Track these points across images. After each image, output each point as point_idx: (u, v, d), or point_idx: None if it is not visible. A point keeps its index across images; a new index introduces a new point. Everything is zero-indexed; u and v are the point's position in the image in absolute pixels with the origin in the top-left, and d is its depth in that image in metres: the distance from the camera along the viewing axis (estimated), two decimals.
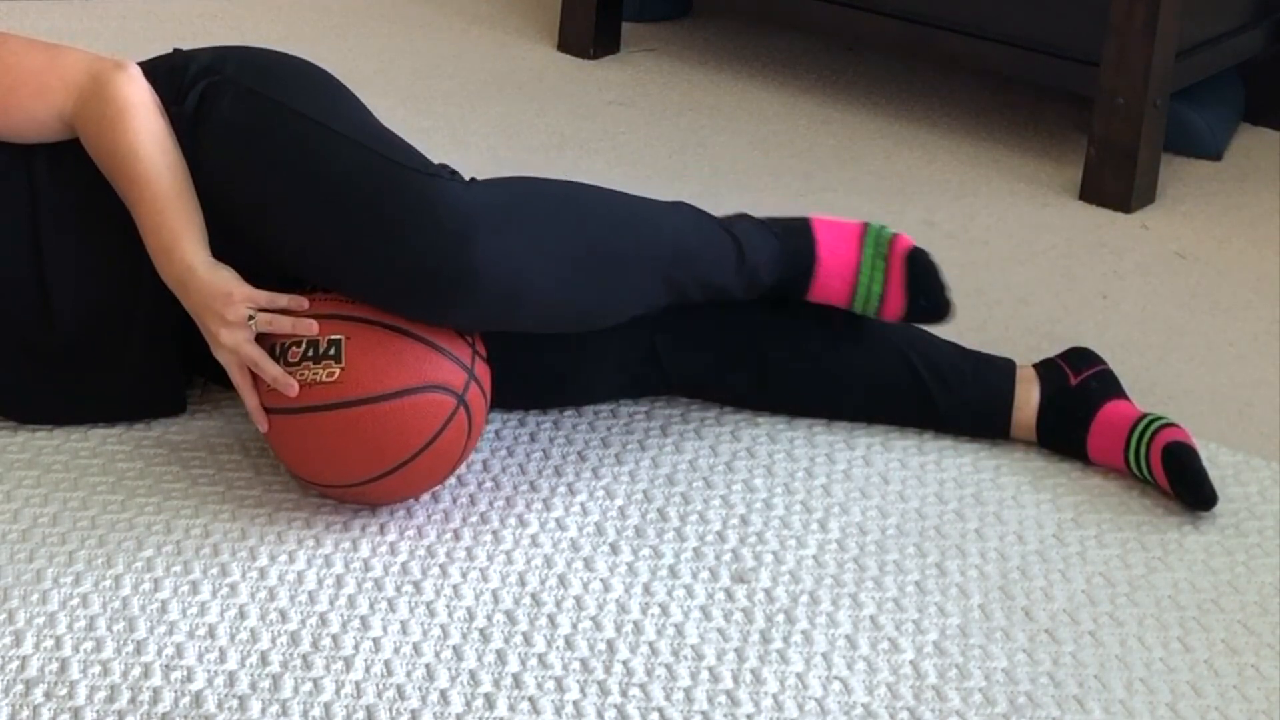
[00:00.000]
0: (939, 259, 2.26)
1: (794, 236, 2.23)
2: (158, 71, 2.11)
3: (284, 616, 1.87)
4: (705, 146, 3.19)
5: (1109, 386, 2.26)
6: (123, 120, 2.04)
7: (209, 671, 1.78)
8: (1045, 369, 2.27)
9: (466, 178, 2.06)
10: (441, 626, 1.87)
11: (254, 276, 2.01)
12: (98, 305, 2.11)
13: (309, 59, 2.19)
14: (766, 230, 2.23)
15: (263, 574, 1.94)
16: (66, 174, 2.10)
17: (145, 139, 2.03)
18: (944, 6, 3.14)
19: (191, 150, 2.06)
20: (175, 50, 2.18)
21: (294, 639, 1.84)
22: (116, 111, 2.04)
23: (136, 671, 1.78)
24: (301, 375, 1.97)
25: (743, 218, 2.25)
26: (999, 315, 2.62)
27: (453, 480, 2.12)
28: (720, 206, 2.95)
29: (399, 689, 1.78)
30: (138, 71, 2.09)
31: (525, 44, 3.63)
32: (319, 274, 2.01)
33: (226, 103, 2.05)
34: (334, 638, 1.84)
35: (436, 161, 2.07)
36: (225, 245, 2.03)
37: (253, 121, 2.04)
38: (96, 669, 1.78)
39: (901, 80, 3.52)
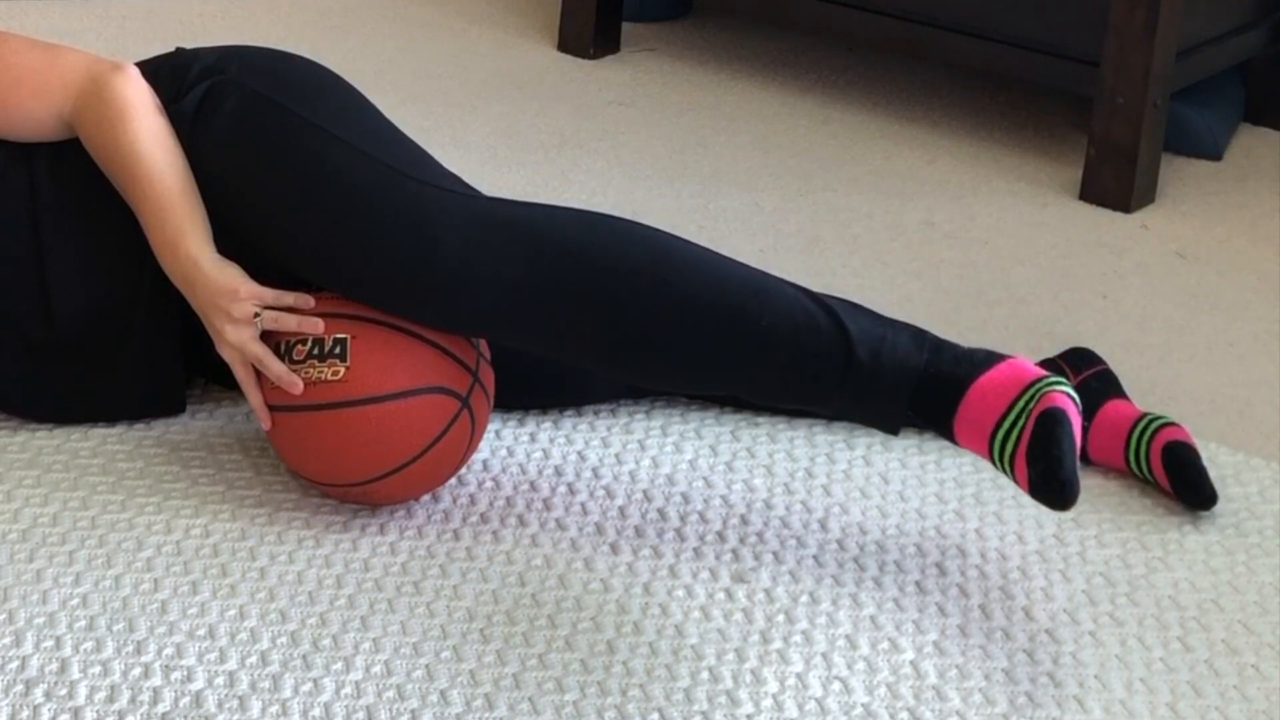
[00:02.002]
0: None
1: (961, 364, 1.91)
2: (160, 70, 2.12)
3: (284, 616, 1.87)
4: (705, 146, 3.19)
5: (1109, 386, 2.26)
6: (122, 121, 2.04)
7: (209, 671, 1.78)
8: (1045, 369, 2.27)
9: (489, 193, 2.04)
10: (441, 626, 1.87)
11: (257, 273, 2.02)
12: (98, 304, 2.11)
13: (310, 59, 2.19)
14: (922, 347, 1.93)
15: (262, 574, 1.94)
16: (67, 172, 2.11)
17: (146, 138, 2.03)
18: (944, 6, 3.14)
19: (191, 149, 2.06)
20: (178, 49, 2.18)
21: (294, 639, 1.84)
22: (116, 112, 2.04)
23: (136, 671, 1.78)
24: (306, 373, 1.97)
25: (913, 332, 1.94)
26: (999, 315, 2.62)
27: (453, 480, 2.12)
28: (721, 206, 2.95)
29: (399, 689, 1.78)
30: (136, 72, 2.09)
31: (525, 44, 3.63)
32: (314, 275, 2.01)
33: (229, 104, 2.05)
34: (334, 638, 1.84)
35: (432, 162, 2.07)
36: (228, 243, 2.04)
37: (253, 123, 2.04)
38: (96, 669, 1.78)
39: (901, 80, 3.52)
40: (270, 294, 1.99)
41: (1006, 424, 1.86)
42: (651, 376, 2.03)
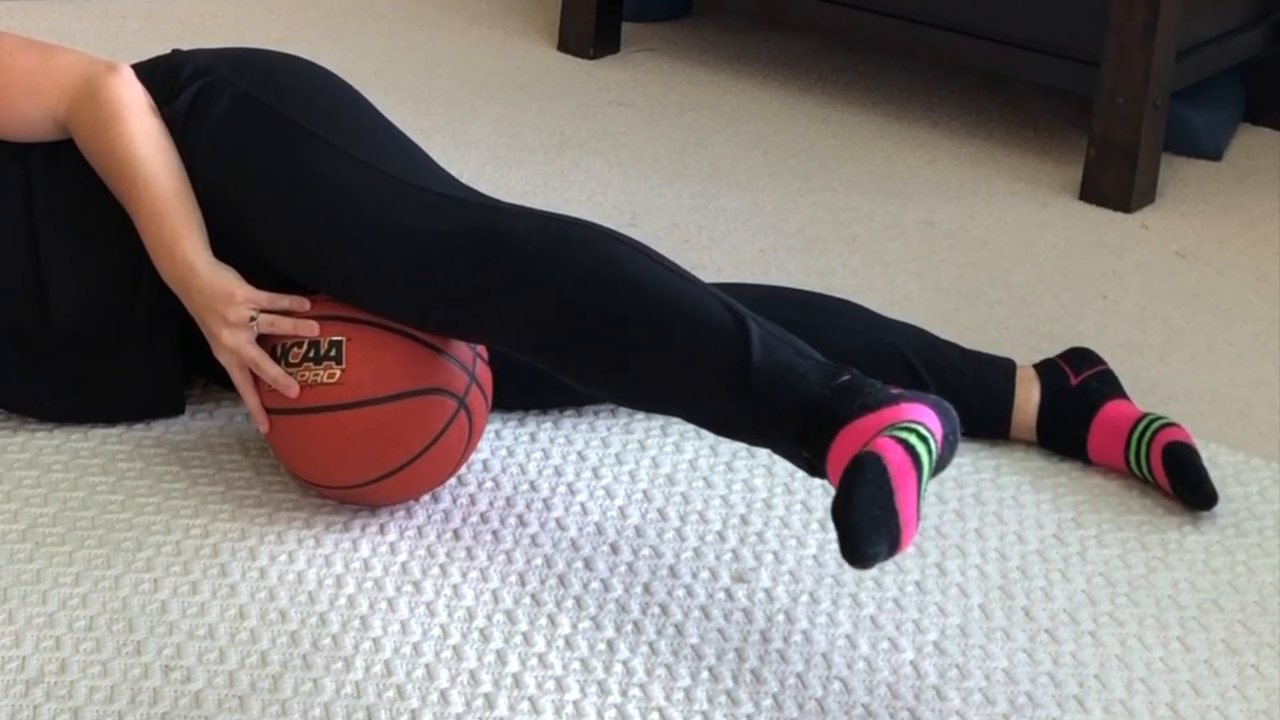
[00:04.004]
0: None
1: (854, 404, 1.77)
2: (154, 71, 2.12)
3: (284, 616, 1.87)
4: (705, 146, 3.19)
5: (1109, 386, 2.26)
6: (117, 123, 2.04)
7: (209, 671, 1.78)
8: (1045, 369, 2.28)
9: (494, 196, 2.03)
10: (441, 626, 1.87)
11: (253, 276, 2.02)
12: (94, 303, 2.11)
13: (309, 59, 2.19)
14: (828, 382, 1.81)
15: (263, 574, 1.93)
16: (63, 171, 2.11)
17: (140, 141, 2.03)
18: (944, 6, 3.14)
19: (183, 150, 2.05)
20: (174, 51, 2.18)
21: (294, 639, 1.84)
22: (110, 114, 2.04)
23: (136, 671, 1.78)
24: (302, 376, 1.97)
25: (830, 369, 1.83)
26: (999, 315, 2.62)
27: (453, 480, 2.12)
28: (720, 206, 2.95)
29: (399, 689, 1.78)
30: (130, 74, 2.09)
31: (525, 44, 3.63)
32: (301, 275, 2.01)
33: (220, 104, 2.05)
34: (334, 638, 1.84)
35: (425, 163, 2.06)
36: (222, 245, 2.04)
37: (243, 124, 2.04)
38: (96, 669, 1.78)
39: (901, 80, 3.52)
40: (265, 297, 1.98)
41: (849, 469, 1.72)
42: (593, 387, 1.98)
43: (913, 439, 1.72)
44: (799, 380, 1.82)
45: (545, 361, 1.96)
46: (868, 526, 1.66)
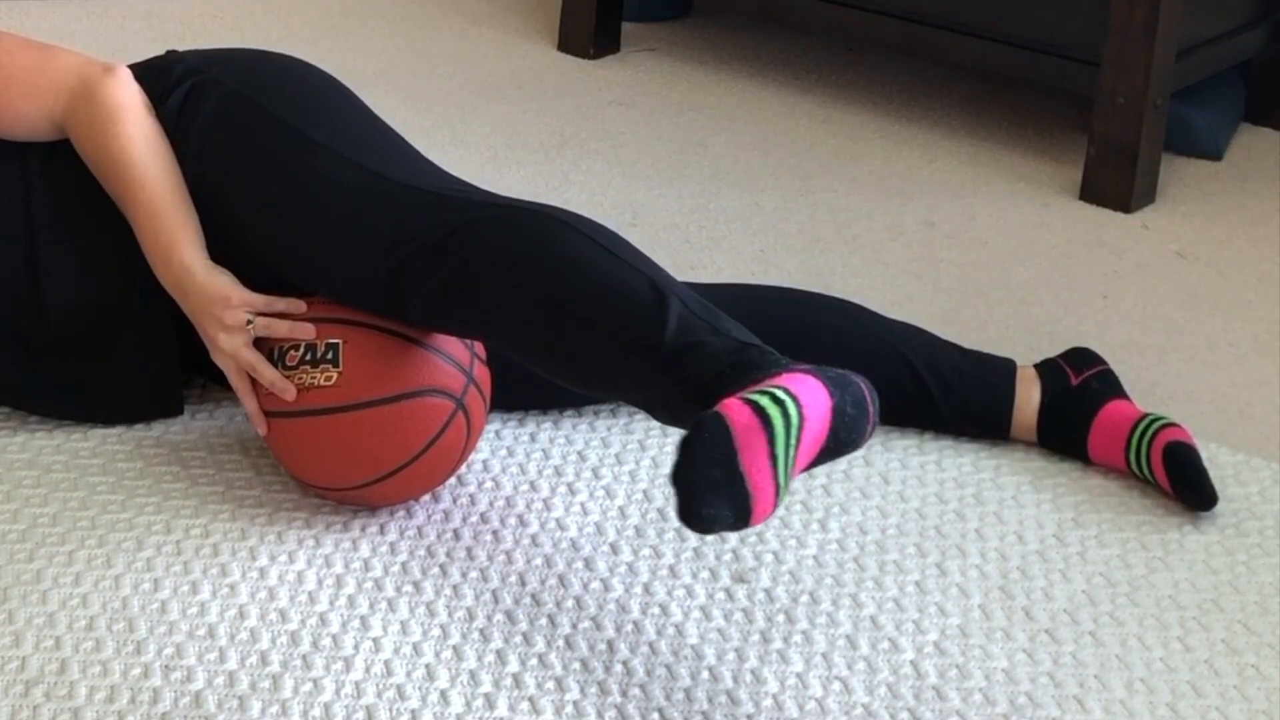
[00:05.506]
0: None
1: (742, 378, 1.71)
2: (148, 72, 2.12)
3: (284, 616, 1.87)
4: (705, 146, 3.19)
5: (1110, 387, 2.26)
6: (113, 125, 2.04)
7: (209, 671, 1.78)
8: (1046, 369, 2.28)
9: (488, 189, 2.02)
10: (441, 626, 1.87)
11: (248, 278, 2.01)
12: (90, 303, 2.11)
13: (309, 59, 2.19)
14: (731, 356, 1.74)
15: (263, 574, 1.93)
16: (59, 170, 2.11)
17: (137, 143, 2.03)
18: (944, 6, 3.14)
19: (175, 149, 2.05)
20: (169, 52, 2.18)
21: (294, 639, 1.84)
22: (107, 116, 2.04)
23: (136, 671, 1.78)
24: (299, 379, 1.97)
25: (739, 345, 1.76)
26: (999, 315, 2.62)
27: (453, 480, 2.12)
28: (721, 206, 2.95)
29: (399, 689, 1.78)
30: (128, 75, 2.08)
31: (525, 44, 3.63)
32: (291, 274, 2.01)
33: (210, 103, 2.05)
34: (334, 638, 1.84)
35: (416, 161, 2.06)
36: (217, 247, 2.03)
37: (232, 123, 2.04)
38: (96, 669, 1.78)
39: (901, 80, 3.52)
40: (262, 300, 1.98)
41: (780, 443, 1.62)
42: (549, 374, 1.93)
43: (764, 400, 1.60)
44: (705, 359, 1.74)
45: (509, 350, 1.93)
46: (704, 487, 1.57)
